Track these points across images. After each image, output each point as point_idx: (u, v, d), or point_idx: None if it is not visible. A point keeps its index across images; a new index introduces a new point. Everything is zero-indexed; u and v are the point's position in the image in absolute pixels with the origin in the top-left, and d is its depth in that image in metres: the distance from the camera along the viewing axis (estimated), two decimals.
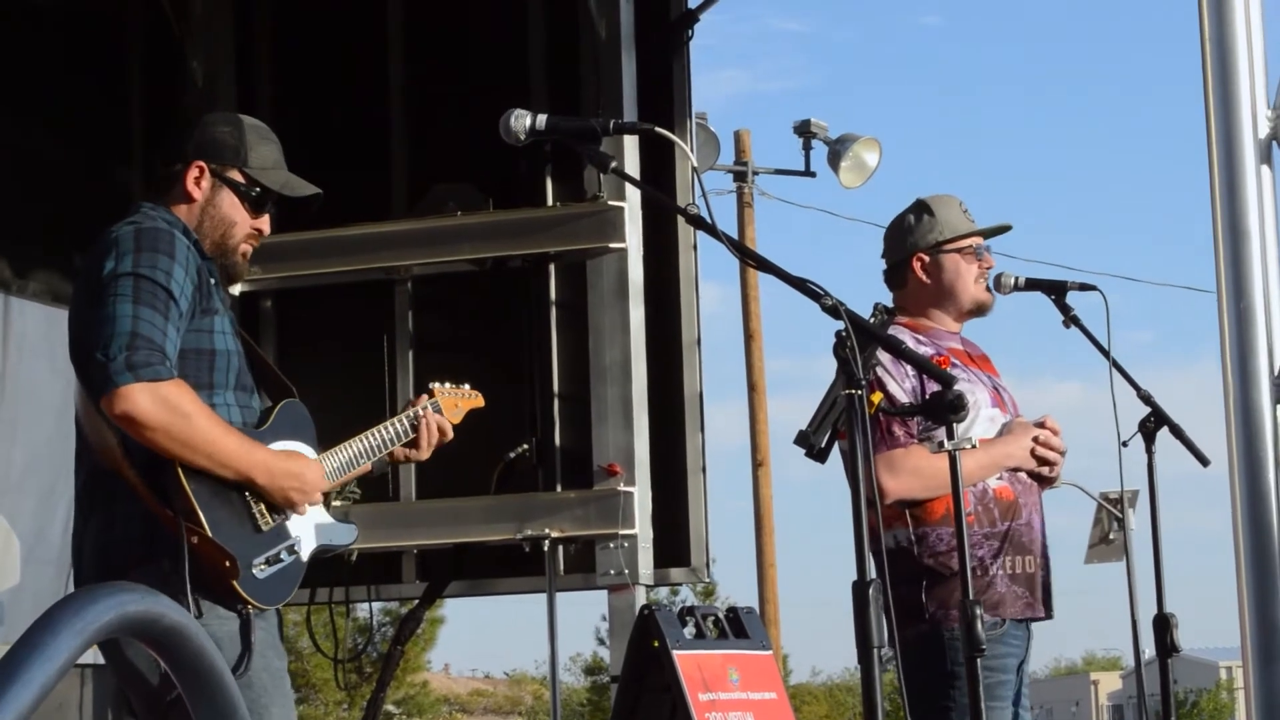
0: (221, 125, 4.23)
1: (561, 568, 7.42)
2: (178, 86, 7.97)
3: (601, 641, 40.08)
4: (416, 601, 7.87)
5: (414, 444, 4.51)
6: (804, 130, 18.19)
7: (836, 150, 17.63)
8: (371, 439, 4.39)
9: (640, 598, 6.95)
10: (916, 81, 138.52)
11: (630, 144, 7.07)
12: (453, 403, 4.66)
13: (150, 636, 1.85)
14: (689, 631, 5.82)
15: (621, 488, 7.07)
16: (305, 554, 4.10)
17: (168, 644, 1.89)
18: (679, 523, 7.54)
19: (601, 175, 7.11)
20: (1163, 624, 5.34)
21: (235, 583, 3.88)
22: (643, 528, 7.10)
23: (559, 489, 7.41)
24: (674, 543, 7.50)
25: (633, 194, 7.21)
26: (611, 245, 7.23)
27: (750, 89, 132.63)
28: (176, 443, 3.85)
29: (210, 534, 3.86)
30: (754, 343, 21.19)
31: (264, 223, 4.22)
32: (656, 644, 5.71)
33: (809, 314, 3.53)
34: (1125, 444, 5.28)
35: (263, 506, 4.01)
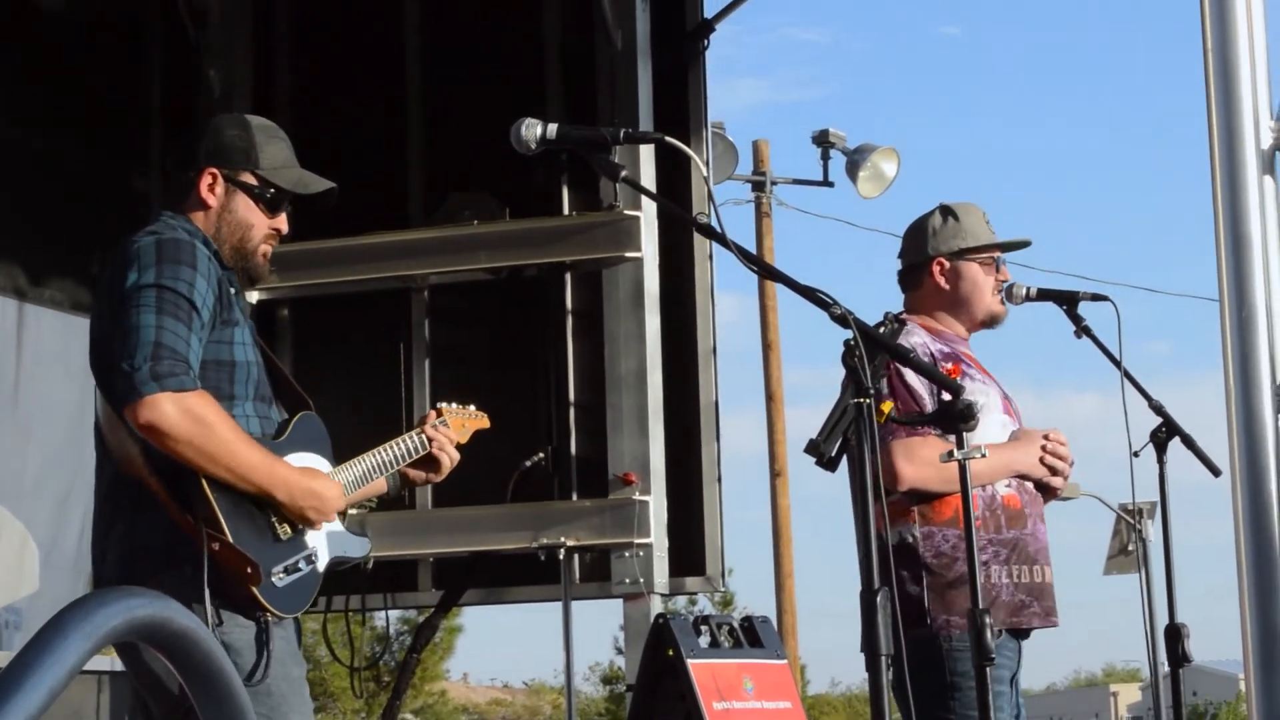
0: (230, 129, 4.24)
1: (577, 576, 7.43)
2: (196, 94, 8.00)
3: (619, 650, 40.06)
4: (432, 610, 7.88)
5: (428, 464, 4.52)
6: (822, 140, 18.16)
7: (855, 160, 17.59)
8: (383, 455, 4.41)
9: (656, 606, 6.94)
10: (935, 92, 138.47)
11: (646, 153, 7.09)
12: (460, 423, 4.68)
13: (158, 640, 1.86)
14: (704, 640, 5.81)
15: (637, 497, 7.08)
16: (321, 565, 4.13)
17: (175, 648, 1.90)
18: (694, 532, 7.55)
19: (617, 185, 7.12)
20: (1174, 634, 5.33)
21: (255, 590, 3.90)
22: (658, 537, 7.10)
23: (574, 498, 7.42)
24: (689, 552, 7.51)
25: (649, 204, 7.22)
26: (628, 254, 7.24)
27: (768, 99, 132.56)
28: (200, 454, 3.86)
29: (232, 540, 3.88)
30: (772, 353, 21.20)
31: (281, 222, 4.24)
32: (671, 653, 5.71)
33: (827, 325, 3.54)
34: (1137, 454, 5.28)
35: (279, 517, 4.03)
